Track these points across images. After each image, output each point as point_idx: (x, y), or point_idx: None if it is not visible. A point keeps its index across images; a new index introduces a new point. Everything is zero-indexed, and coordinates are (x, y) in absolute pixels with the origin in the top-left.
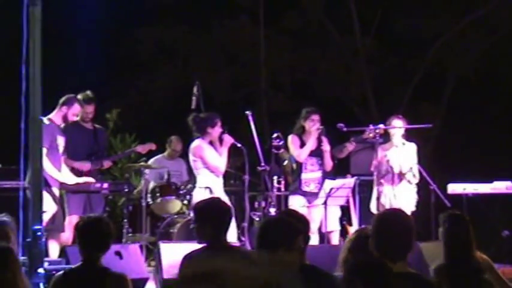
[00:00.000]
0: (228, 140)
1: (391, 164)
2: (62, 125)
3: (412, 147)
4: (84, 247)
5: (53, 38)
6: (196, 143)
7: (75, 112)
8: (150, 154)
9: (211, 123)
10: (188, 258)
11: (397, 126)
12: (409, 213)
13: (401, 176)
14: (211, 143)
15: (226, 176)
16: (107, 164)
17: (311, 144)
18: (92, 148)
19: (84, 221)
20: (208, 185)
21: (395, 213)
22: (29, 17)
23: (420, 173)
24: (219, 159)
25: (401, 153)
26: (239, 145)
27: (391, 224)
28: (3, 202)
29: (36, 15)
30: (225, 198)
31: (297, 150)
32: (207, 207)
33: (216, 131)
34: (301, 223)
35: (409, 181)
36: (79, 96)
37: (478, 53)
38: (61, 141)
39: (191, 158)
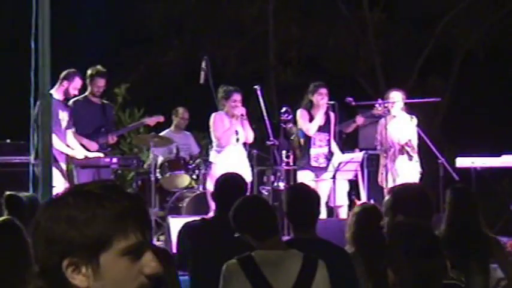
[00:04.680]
0: (237, 112)
1: (391, 137)
2: (71, 101)
3: (413, 121)
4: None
5: (61, 13)
6: (211, 115)
7: (76, 86)
8: (158, 129)
9: (225, 96)
10: (186, 228)
11: (396, 97)
12: None
13: (401, 149)
14: (233, 116)
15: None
16: (112, 138)
17: (320, 118)
18: (100, 123)
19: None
20: (212, 159)
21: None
22: None
23: (428, 146)
24: (223, 131)
25: (399, 124)
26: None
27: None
28: (13, 177)
29: None
30: (238, 169)
31: (306, 124)
32: (217, 182)
33: (230, 104)
34: (312, 197)
35: (408, 154)
36: (89, 71)
37: (486, 27)
38: (64, 116)
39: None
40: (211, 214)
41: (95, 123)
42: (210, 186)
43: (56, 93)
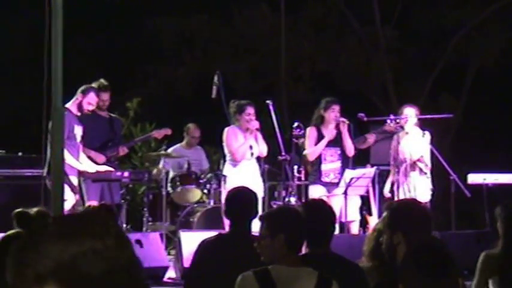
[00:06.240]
0: (252, 125)
1: (403, 152)
2: (78, 114)
3: (426, 136)
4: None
5: (74, 28)
6: (225, 129)
7: (90, 101)
8: (169, 143)
9: (239, 110)
10: (202, 245)
11: (409, 113)
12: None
13: (414, 165)
14: (247, 130)
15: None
16: (122, 150)
17: (323, 144)
18: (108, 137)
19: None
20: (226, 172)
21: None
22: (51, 6)
23: (440, 162)
24: (238, 146)
25: (412, 140)
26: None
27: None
28: (25, 190)
29: (58, 4)
30: (252, 184)
31: (311, 147)
32: (226, 198)
33: (244, 118)
34: (328, 213)
35: (421, 170)
36: (93, 84)
37: (499, 44)
38: (79, 130)
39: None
40: (226, 229)
41: (103, 137)
42: None
43: (72, 107)
